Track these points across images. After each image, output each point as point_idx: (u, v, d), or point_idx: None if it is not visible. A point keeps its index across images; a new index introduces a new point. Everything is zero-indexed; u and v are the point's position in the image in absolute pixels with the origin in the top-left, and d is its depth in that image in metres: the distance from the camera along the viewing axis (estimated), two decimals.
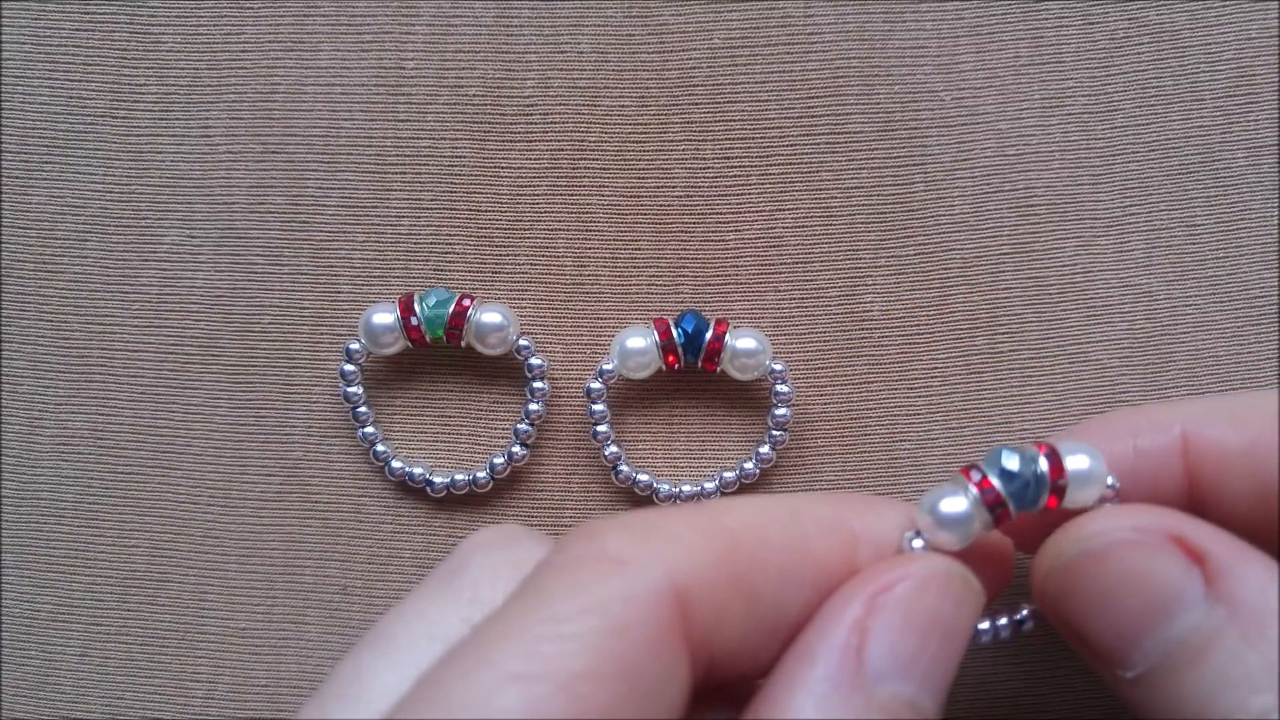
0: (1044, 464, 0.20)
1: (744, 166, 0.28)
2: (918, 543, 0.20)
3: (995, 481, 0.20)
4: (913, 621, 0.19)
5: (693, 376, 0.28)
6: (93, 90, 0.28)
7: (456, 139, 0.28)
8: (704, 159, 0.28)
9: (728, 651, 0.19)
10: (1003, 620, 0.22)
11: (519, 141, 0.28)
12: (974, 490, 0.20)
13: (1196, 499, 0.21)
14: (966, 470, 0.20)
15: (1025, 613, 0.22)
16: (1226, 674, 0.18)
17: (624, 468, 0.28)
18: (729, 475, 0.28)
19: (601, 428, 0.28)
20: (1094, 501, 0.20)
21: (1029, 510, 0.20)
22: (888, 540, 0.20)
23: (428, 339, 0.27)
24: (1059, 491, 0.20)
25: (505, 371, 0.28)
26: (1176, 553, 0.19)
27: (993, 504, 0.20)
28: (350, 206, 0.28)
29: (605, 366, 0.27)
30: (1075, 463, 0.20)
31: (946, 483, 0.20)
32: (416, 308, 0.27)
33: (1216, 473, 0.21)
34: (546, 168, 0.28)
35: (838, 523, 0.20)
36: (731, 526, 0.19)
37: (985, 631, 0.21)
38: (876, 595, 0.19)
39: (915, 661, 0.18)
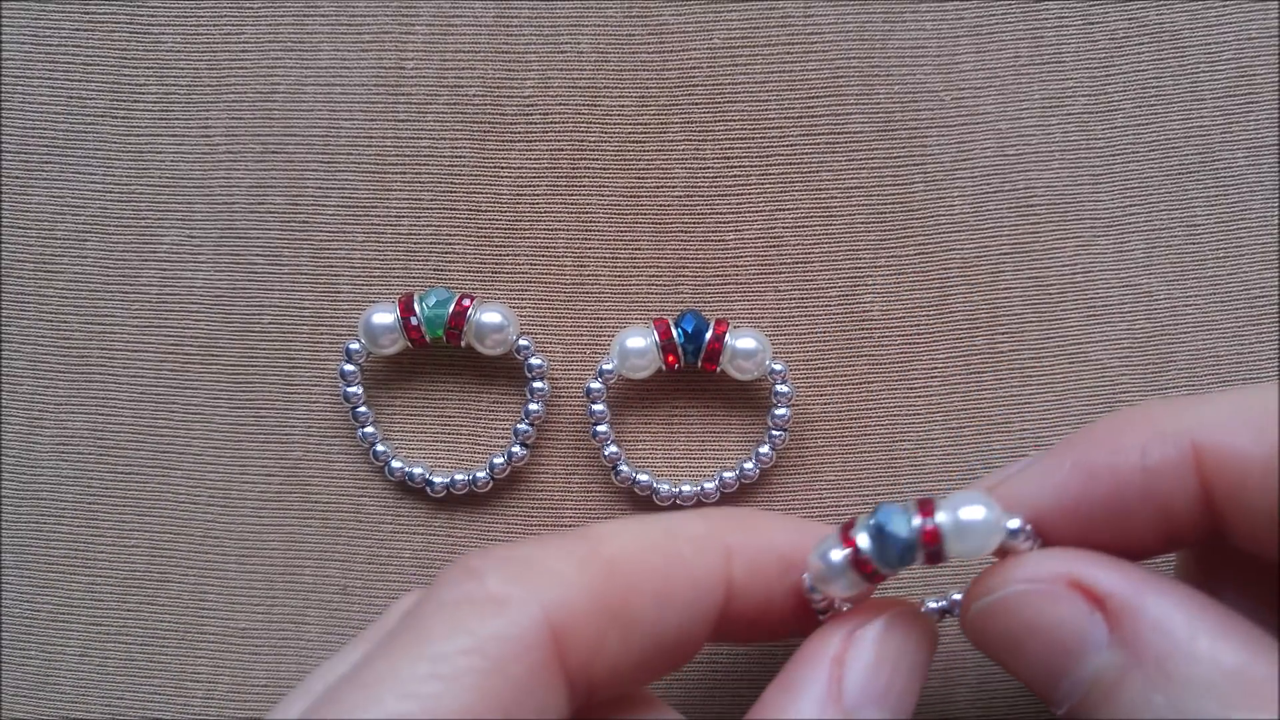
0: (916, 522, 0.20)
1: (744, 166, 0.28)
2: (816, 594, 0.21)
3: (862, 543, 0.20)
4: (884, 656, 0.20)
5: (693, 376, 0.28)
6: (93, 90, 0.28)
7: (456, 139, 0.28)
8: (704, 159, 0.28)
9: (607, 675, 0.19)
10: (931, 605, 0.24)
11: (519, 141, 0.28)
12: (847, 551, 0.20)
13: (1214, 515, 0.20)
14: (846, 528, 0.20)
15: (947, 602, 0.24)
16: (1145, 711, 0.18)
17: (624, 468, 0.28)
18: (729, 475, 0.28)
19: (601, 428, 0.28)
20: (994, 550, 0.20)
21: (901, 568, 0.20)
22: (763, 555, 0.21)
23: (428, 339, 0.27)
24: (933, 553, 0.20)
25: (505, 371, 0.28)
26: (1077, 598, 0.19)
27: (860, 564, 0.20)
28: (350, 206, 0.28)
29: (605, 366, 0.27)
30: (969, 513, 0.20)
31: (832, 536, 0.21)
32: (416, 308, 0.27)
33: (1234, 488, 0.20)
34: (546, 168, 0.28)
35: (711, 540, 0.21)
36: (608, 555, 0.20)
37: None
38: (853, 632, 0.21)
39: (888, 692, 0.20)
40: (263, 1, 0.28)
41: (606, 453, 0.28)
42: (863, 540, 0.20)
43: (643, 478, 0.28)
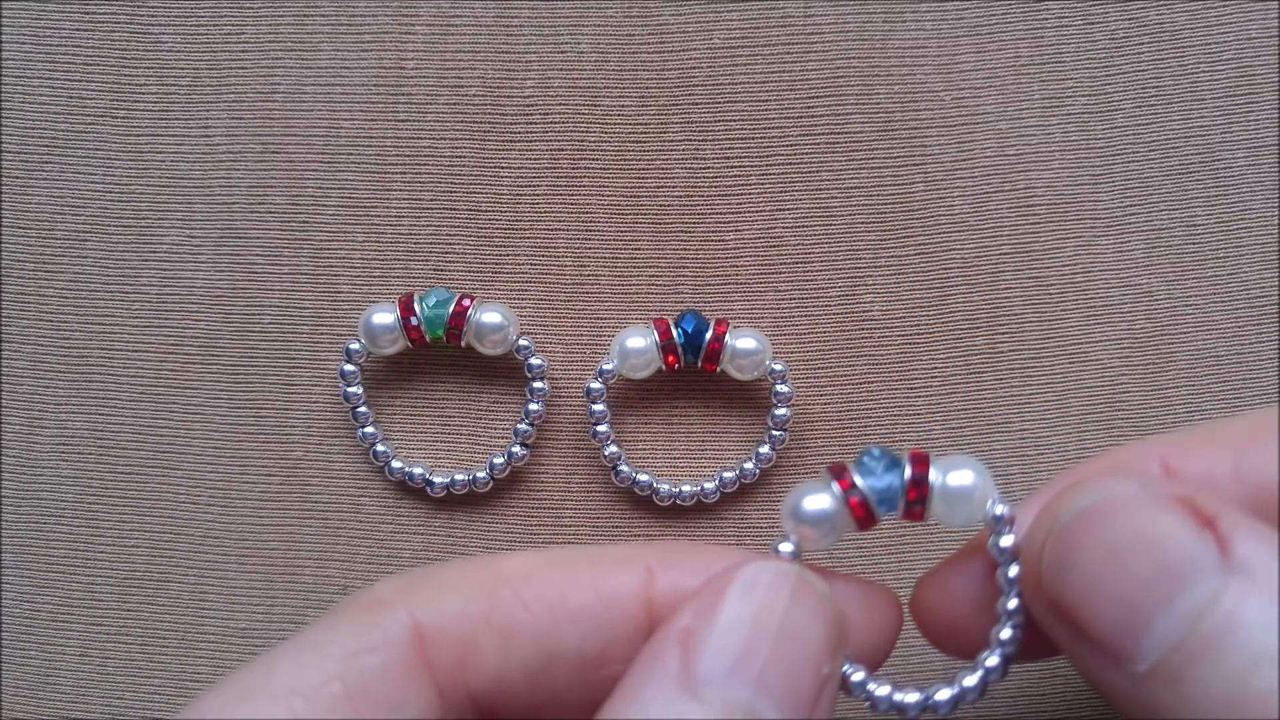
0: (906, 469, 0.19)
1: (744, 166, 0.28)
2: (785, 546, 0.20)
3: (856, 479, 0.19)
4: (738, 620, 0.18)
5: (693, 376, 0.28)
6: (93, 90, 0.28)
7: (456, 139, 0.28)
8: (704, 159, 0.28)
9: (489, 685, 0.19)
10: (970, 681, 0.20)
11: (519, 141, 0.28)
12: (837, 487, 0.19)
13: None
14: (833, 467, 0.20)
15: (965, 685, 0.20)
16: (1259, 649, 0.15)
17: (624, 468, 0.28)
18: (729, 475, 0.28)
19: (601, 428, 0.28)
20: (976, 524, 0.20)
21: (890, 511, 0.20)
22: (690, 575, 0.20)
23: (428, 339, 0.27)
24: (919, 495, 0.19)
25: (505, 371, 0.28)
26: (1186, 514, 0.17)
27: (852, 501, 0.19)
28: (350, 206, 0.28)
29: (605, 366, 0.27)
30: (953, 477, 0.19)
31: (812, 480, 0.20)
32: (416, 308, 0.27)
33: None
34: (546, 168, 0.28)
35: (632, 559, 0.20)
36: (502, 568, 0.20)
37: (911, 706, 0.20)
38: (706, 599, 0.18)
39: (744, 662, 0.17)
40: (263, 1, 0.28)
41: (606, 453, 0.28)
42: (859, 476, 0.19)
43: (643, 478, 0.28)
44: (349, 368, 0.28)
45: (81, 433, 0.29)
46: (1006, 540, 0.19)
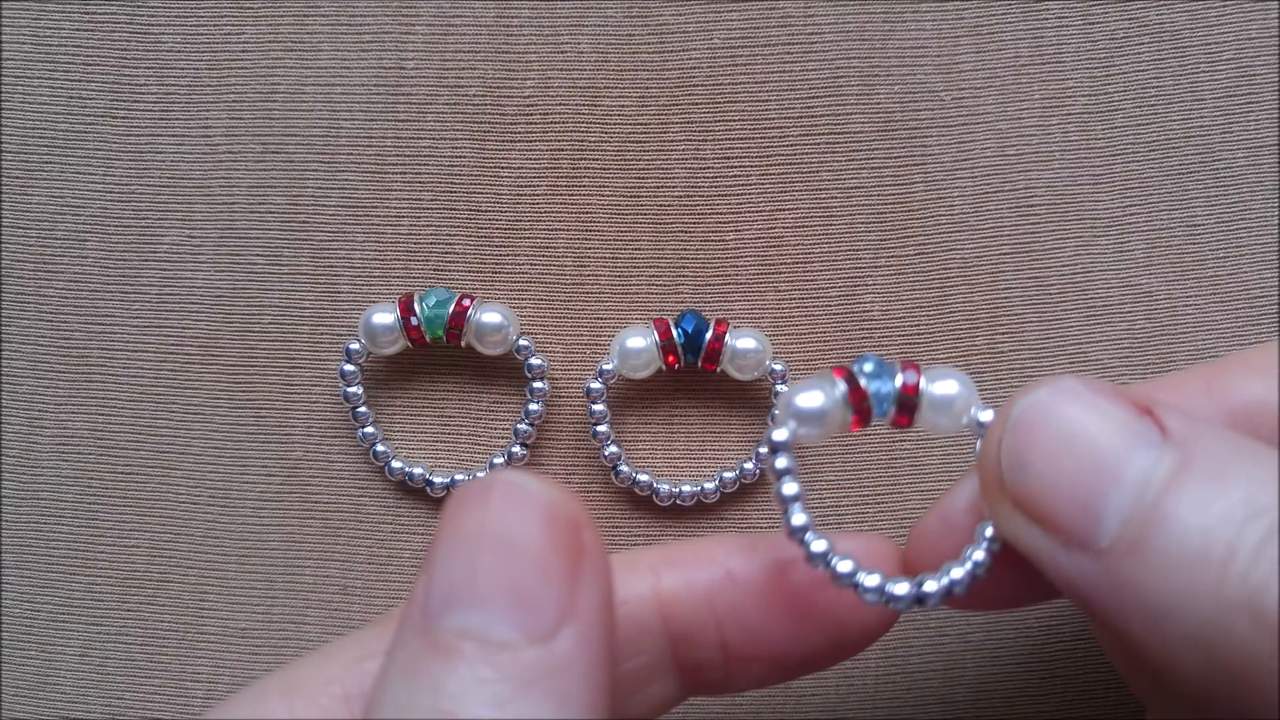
0: (901, 376, 0.20)
1: (744, 166, 0.28)
2: (779, 434, 0.20)
3: (860, 380, 0.20)
4: (449, 543, 0.17)
5: (693, 376, 0.28)
6: (93, 90, 0.28)
7: (456, 139, 0.28)
8: (704, 159, 0.28)
9: None
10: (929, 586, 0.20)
11: (519, 141, 0.28)
12: (840, 385, 0.20)
13: None
14: (836, 368, 0.21)
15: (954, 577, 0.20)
16: (1207, 514, 0.16)
17: (624, 468, 0.28)
18: (729, 475, 0.28)
19: (601, 428, 0.28)
20: (959, 426, 0.20)
21: (882, 415, 0.20)
22: (692, 569, 0.20)
23: (428, 339, 0.27)
24: (910, 394, 0.20)
25: (505, 371, 0.28)
26: (1124, 402, 0.18)
27: (852, 399, 0.20)
28: (350, 206, 0.28)
29: (605, 366, 0.27)
30: (940, 386, 0.20)
31: (814, 377, 0.21)
32: (416, 308, 0.27)
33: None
34: (546, 168, 0.28)
35: (635, 563, 0.20)
36: None
37: (902, 598, 0.20)
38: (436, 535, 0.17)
39: (462, 585, 0.16)
40: (263, 1, 0.28)
41: (606, 453, 0.28)
42: (862, 378, 0.20)
43: (643, 478, 0.28)
44: (349, 368, 0.28)
45: (81, 433, 0.29)
46: None
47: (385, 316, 0.27)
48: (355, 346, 0.28)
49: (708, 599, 0.20)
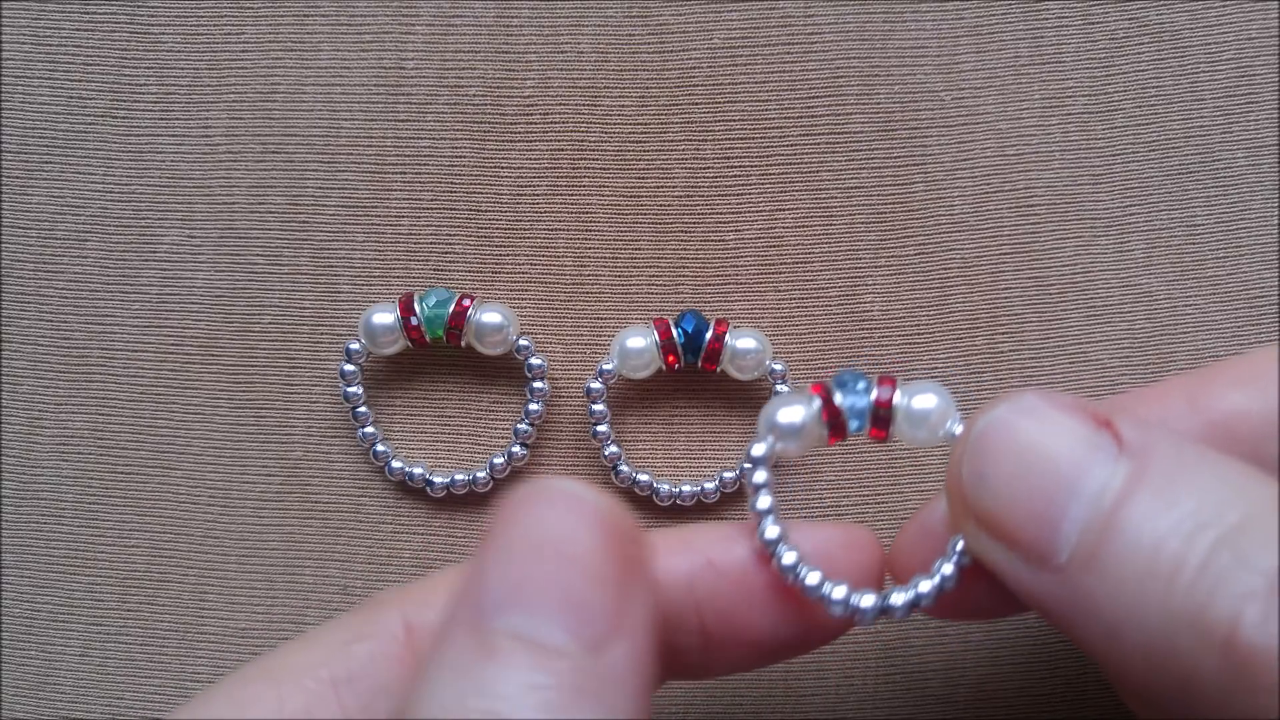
0: (876, 391, 0.21)
1: (744, 166, 0.28)
2: (758, 448, 0.21)
3: (835, 396, 0.21)
4: (507, 547, 0.17)
5: (693, 376, 0.28)
6: (93, 90, 0.28)
7: (456, 139, 0.28)
8: (704, 159, 0.28)
9: None
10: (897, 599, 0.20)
11: (519, 141, 0.28)
12: (816, 401, 0.21)
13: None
14: (814, 385, 0.21)
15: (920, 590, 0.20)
16: (1158, 526, 0.17)
17: (624, 468, 0.28)
18: (729, 475, 0.28)
19: (601, 428, 0.28)
20: (936, 439, 0.21)
21: (860, 429, 0.21)
22: (673, 557, 0.21)
23: (428, 339, 0.27)
24: (885, 407, 0.21)
25: (505, 371, 0.28)
26: (1082, 415, 0.18)
27: (828, 414, 0.21)
28: (350, 206, 0.28)
29: (605, 366, 0.27)
30: (917, 400, 0.21)
31: (792, 394, 0.21)
32: (416, 308, 0.27)
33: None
34: (546, 168, 0.28)
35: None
36: None
37: (868, 610, 0.20)
38: (487, 538, 0.18)
39: (518, 589, 0.17)
40: (263, 1, 0.28)
41: (606, 453, 0.28)
42: (837, 393, 0.21)
43: (643, 478, 0.28)
44: (349, 368, 0.28)
45: (81, 433, 0.29)
46: None
47: (385, 316, 0.27)
48: (355, 346, 0.28)
49: (688, 586, 0.20)
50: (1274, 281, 0.28)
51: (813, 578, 0.20)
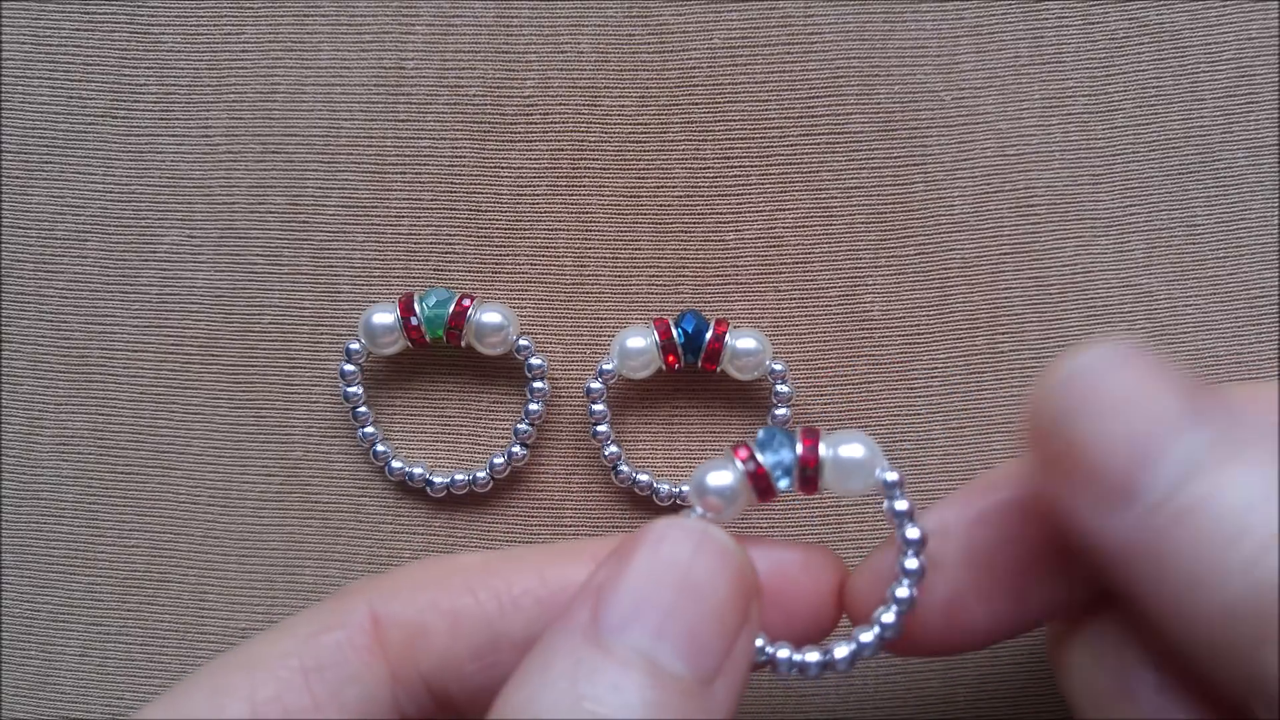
0: (800, 446, 0.21)
1: (744, 166, 0.28)
2: (695, 512, 0.21)
3: (757, 454, 0.21)
4: (642, 572, 0.18)
5: (693, 376, 0.28)
6: (93, 90, 0.28)
7: (456, 139, 0.28)
8: (704, 159, 0.28)
9: (437, 665, 0.20)
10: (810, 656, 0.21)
11: (519, 141, 0.28)
12: (739, 463, 0.21)
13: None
14: (735, 446, 0.21)
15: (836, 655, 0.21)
16: (1253, 491, 0.16)
17: (624, 468, 0.28)
18: None
19: (601, 428, 0.28)
20: (864, 488, 0.21)
21: (788, 483, 0.21)
22: None
23: (428, 339, 0.27)
24: (811, 465, 0.21)
25: (505, 371, 0.28)
26: (1167, 379, 0.18)
27: (753, 474, 0.21)
28: (350, 206, 0.28)
29: (605, 366, 0.27)
30: (843, 450, 0.21)
31: (717, 458, 0.21)
32: (416, 308, 0.27)
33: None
34: (546, 168, 0.28)
35: (578, 551, 0.21)
36: (458, 563, 0.21)
37: (813, 665, 0.20)
38: (616, 556, 0.19)
39: (647, 612, 0.18)
40: (263, 1, 0.28)
41: (606, 453, 0.28)
42: (760, 453, 0.21)
43: (643, 478, 0.28)
44: (349, 368, 0.28)
45: (81, 433, 0.29)
46: (901, 504, 0.21)
47: (385, 316, 0.27)
48: (355, 346, 0.28)
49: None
50: (1274, 281, 0.28)
51: (757, 641, 0.20)
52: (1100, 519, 0.18)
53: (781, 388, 0.27)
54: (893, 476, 0.21)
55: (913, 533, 0.20)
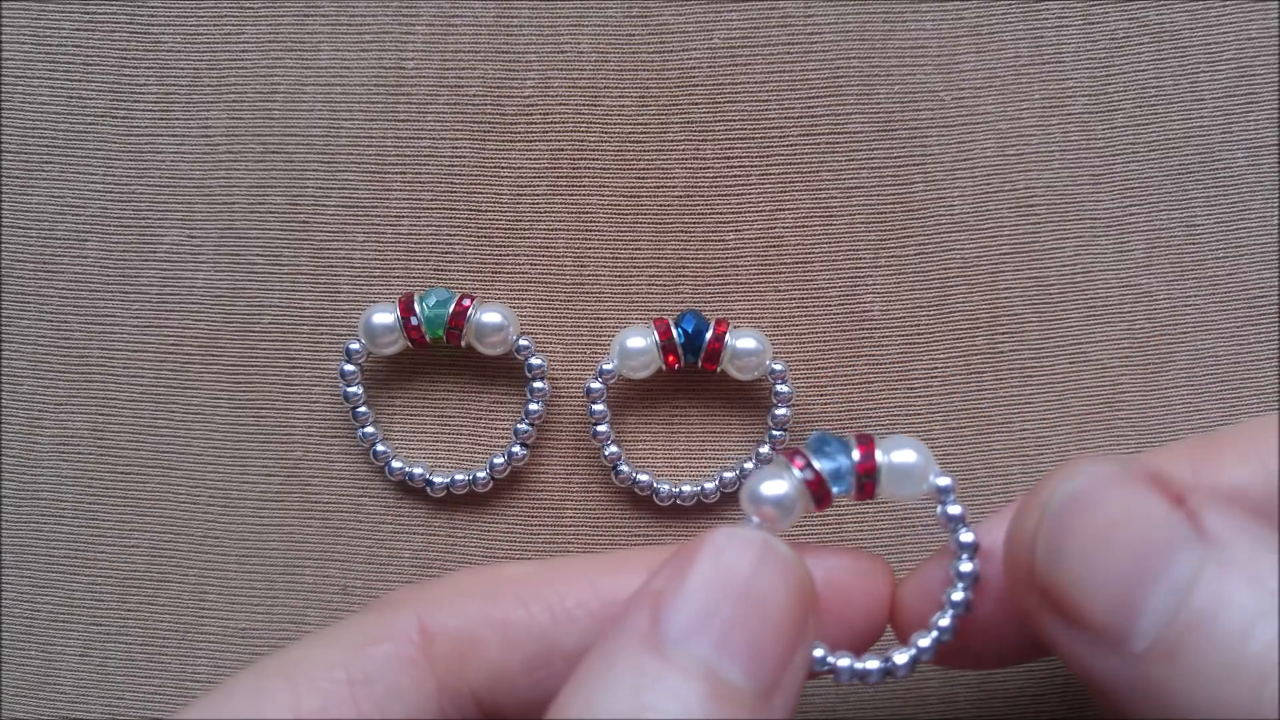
0: (857, 453, 0.21)
1: (744, 166, 0.28)
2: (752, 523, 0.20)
3: (813, 461, 0.20)
4: (704, 582, 0.18)
5: (693, 376, 0.28)
6: (93, 90, 0.28)
7: (456, 139, 0.28)
8: (704, 159, 0.28)
9: (488, 681, 0.20)
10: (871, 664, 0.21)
11: (519, 141, 0.28)
12: (794, 470, 0.20)
13: None
14: (788, 452, 0.21)
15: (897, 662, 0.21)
16: (1248, 616, 0.16)
17: (624, 468, 0.28)
18: (729, 475, 0.28)
19: (601, 428, 0.28)
20: (920, 493, 0.21)
21: (845, 491, 0.21)
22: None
23: (428, 339, 0.27)
24: (869, 472, 0.20)
25: (505, 371, 0.28)
26: (1159, 492, 0.18)
27: (810, 482, 0.20)
28: (350, 206, 0.28)
29: (605, 366, 0.27)
30: (897, 456, 0.21)
31: (769, 465, 0.21)
32: (416, 308, 0.27)
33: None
34: (546, 168, 0.28)
35: (629, 562, 0.21)
36: (503, 574, 0.21)
37: (874, 672, 0.21)
38: (677, 563, 0.19)
39: (708, 622, 0.18)
40: (263, 1, 0.28)
41: (606, 453, 0.28)
42: (817, 461, 0.20)
43: (643, 478, 0.28)
44: (349, 368, 0.28)
45: (81, 433, 0.29)
46: (954, 509, 0.21)
47: (385, 316, 0.27)
48: (355, 346, 0.28)
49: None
50: (1274, 281, 0.28)
51: (817, 652, 0.20)
52: (1090, 661, 0.18)
53: (781, 388, 0.27)
54: (945, 481, 0.21)
55: (966, 537, 0.21)
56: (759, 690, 0.18)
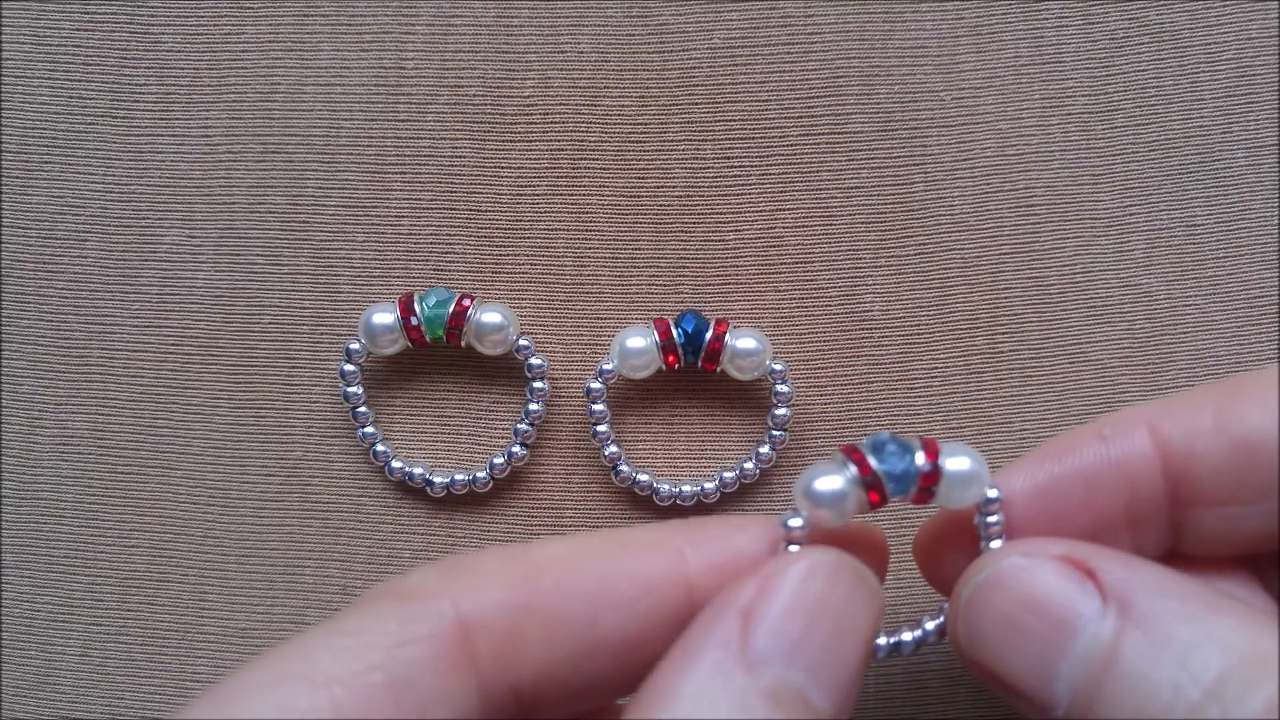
0: (920, 456, 0.20)
1: (744, 166, 0.28)
2: (795, 521, 0.20)
3: (872, 462, 0.20)
4: (798, 606, 0.19)
5: (693, 376, 0.28)
6: (93, 90, 0.28)
7: (456, 139, 0.28)
8: (704, 159, 0.28)
9: (534, 675, 0.19)
10: (905, 636, 0.22)
11: (519, 141, 0.28)
12: (852, 469, 0.20)
13: (1181, 494, 0.21)
14: (847, 449, 0.21)
15: (927, 629, 0.22)
16: (1147, 679, 0.18)
17: (624, 468, 0.28)
18: (729, 475, 0.28)
19: (601, 428, 0.28)
20: (972, 503, 0.21)
21: (902, 495, 0.20)
22: (721, 553, 0.20)
23: (428, 339, 0.27)
24: (931, 482, 0.20)
25: (505, 371, 0.28)
26: (1068, 569, 0.19)
27: (868, 484, 0.20)
28: (350, 206, 0.28)
29: (605, 366, 0.27)
30: (956, 464, 0.21)
31: (825, 461, 0.21)
32: (416, 308, 0.27)
33: (1187, 457, 0.20)
34: (546, 168, 0.28)
35: (662, 542, 0.20)
36: (537, 558, 0.20)
37: (882, 647, 0.22)
38: (766, 580, 0.19)
39: (801, 647, 0.18)
40: (263, 1, 0.28)
41: (606, 453, 0.28)
42: (873, 459, 0.20)
43: (643, 478, 0.28)
44: (349, 368, 0.28)
45: (81, 433, 0.29)
46: (994, 519, 0.21)
47: (385, 316, 0.27)
48: (355, 346, 0.28)
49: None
50: (1274, 281, 0.28)
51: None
52: (1027, 714, 0.19)
53: (781, 388, 0.27)
54: (994, 493, 0.21)
55: (997, 545, 0.21)
56: (836, 710, 0.18)
